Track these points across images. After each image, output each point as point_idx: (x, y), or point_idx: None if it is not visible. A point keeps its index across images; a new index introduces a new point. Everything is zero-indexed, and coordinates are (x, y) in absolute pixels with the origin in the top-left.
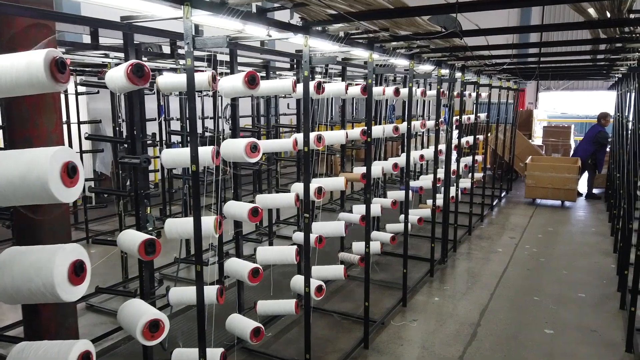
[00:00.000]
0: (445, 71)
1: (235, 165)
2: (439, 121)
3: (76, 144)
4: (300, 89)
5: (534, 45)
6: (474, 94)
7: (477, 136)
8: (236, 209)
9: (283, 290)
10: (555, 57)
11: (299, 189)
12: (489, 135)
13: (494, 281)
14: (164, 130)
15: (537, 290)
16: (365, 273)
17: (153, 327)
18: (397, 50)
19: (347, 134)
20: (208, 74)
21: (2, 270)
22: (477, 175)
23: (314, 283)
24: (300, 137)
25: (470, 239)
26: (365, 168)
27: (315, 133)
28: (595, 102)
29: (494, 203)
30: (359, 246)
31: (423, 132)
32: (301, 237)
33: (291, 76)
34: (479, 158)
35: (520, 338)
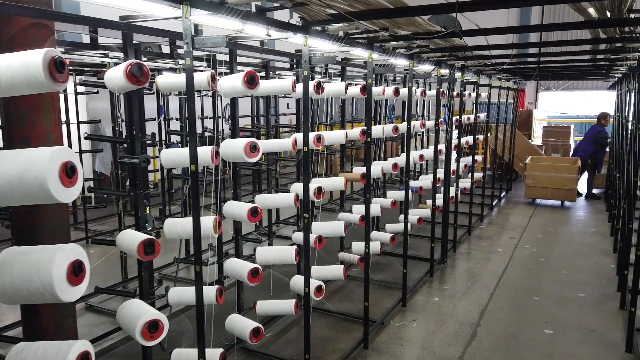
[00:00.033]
0: (445, 71)
1: (235, 165)
2: (439, 121)
3: (76, 143)
4: (299, 88)
5: (533, 45)
6: (473, 94)
7: (476, 136)
8: (235, 209)
9: (283, 290)
10: (555, 57)
11: (299, 189)
12: (489, 135)
13: (493, 281)
14: (163, 130)
15: (537, 290)
16: (365, 273)
17: (152, 328)
18: (397, 50)
19: (347, 134)
20: (207, 73)
21: (1, 271)
22: (477, 175)
23: (314, 283)
24: (300, 137)
25: (470, 239)
26: (364, 168)
27: (315, 133)
28: (595, 102)
29: (494, 203)
30: (359, 246)
31: (423, 132)
32: (301, 237)
33: (291, 76)
34: (479, 158)
35: (520, 338)
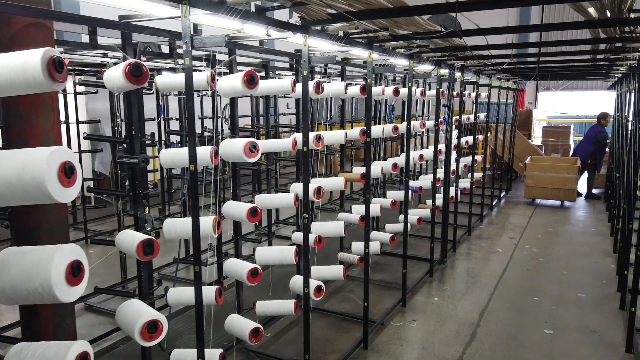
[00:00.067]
0: (445, 71)
1: (234, 164)
2: (439, 121)
3: (75, 143)
4: (299, 88)
5: (533, 45)
6: (473, 94)
7: (476, 136)
8: (235, 209)
9: (282, 290)
10: (554, 56)
11: (298, 189)
12: (489, 135)
13: (493, 281)
14: (163, 130)
15: (537, 291)
16: (365, 273)
17: (151, 328)
18: (397, 50)
19: (347, 133)
20: (206, 73)
21: (0, 271)
22: (477, 175)
23: (313, 283)
24: (300, 137)
25: (470, 239)
26: (364, 168)
27: (315, 133)
28: (595, 102)
29: (494, 203)
30: (359, 246)
31: (422, 132)
32: (300, 237)
33: (290, 76)
34: (479, 158)
35: (520, 338)
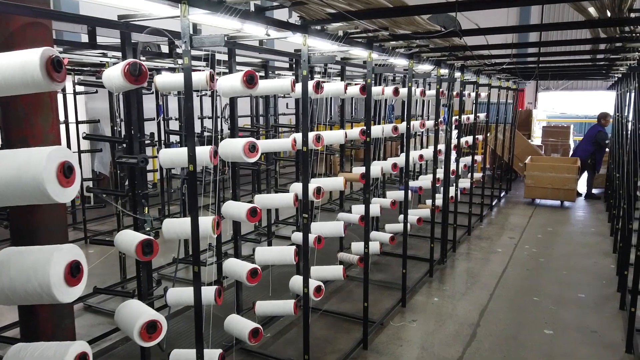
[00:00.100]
0: (445, 71)
1: (234, 165)
2: (438, 121)
3: (75, 143)
4: (298, 88)
5: (533, 44)
6: (473, 94)
7: (476, 136)
8: (234, 209)
9: (282, 290)
10: (554, 56)
11: (298, 189)
12: (489, 135)
13: (493, 281)
14: (162, 130)
15: (537, 291)
16: (365, 273)
17: (150, 328)
18: (397, 50)
19: (346, 133)
20: (206, 73)
21: None
22: (477, 175)
23: (313, 283)
24: (299, 137)
25: (470, 239)
26: (364, 168)
27: (314, 133)
28: (595, 102)
29: (494, 203)
30: (358, 246)
31: (422, 132)
32: (300, 237)
33: (290, 76)
34: (478, 158)
35: (520, 338)
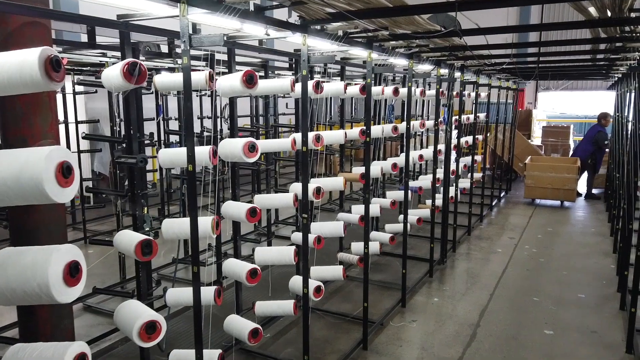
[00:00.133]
0: (445, 71)
1: (233, 165)
2: (438, 121)
3: (74, 143)
4: (298, 88)
5: (533, 44)
6: (473, 94)
7: (476, 136)
8: (234, 209)
9: (282, 290)
10: (554, 56)
11: (298, 189)
12: (488, 135)
13: (493, 282)
14: (162, 129)
15: (537, 291)
16: (364, 273)
17: (150, 329)
18: (396, 50)
19: (346, 133)
20: (205, 72)
21: None
22: (477, 176)
23: (313, 284)
24: (299, 137)
25: (470, 239)
26: (364, 168)
27: (314, 133)
28: (595, 102)
29: (493, 203)
30: (358, 246)
31: (422, 132)
32: (300, 237)
33: (290, 75)
34: (478, 158)
35: (520, 339)
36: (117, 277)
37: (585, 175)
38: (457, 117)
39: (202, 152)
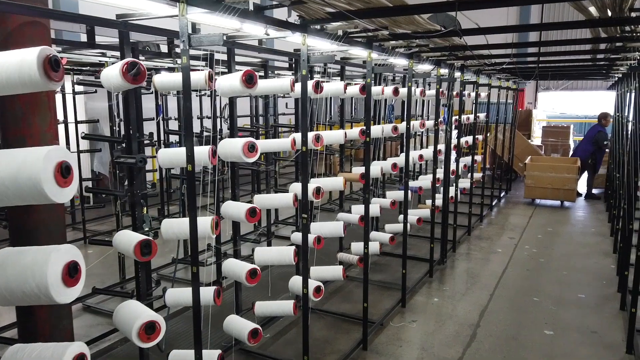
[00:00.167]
0: (445, 71)
1: (233, 165)
2: (438, 121)
3: (74, 143)
4: (298, 88)
5: (533, 44)
6: (473, 94)
7: (476, 136)
8: (234, 209)
9: (281, 291)
10: (554, 56)
11: (297, 189)
12: (488, 135)
13: (493, 282)
14: (162, 129)
15: (537, 291)
16: (364, 274)
17: (149, 329)
18: (396, 50)
19: (346, 133)
20: (204, 72)
21: None
22: (477, 176)
23: (312, 284)
24: (299, 137)
25: (470, 239)
26: (364, 168)
27: (314, 133)
28: (595, 102)
29: (493, 203)
30: (358, 246)
31: (422, 132)
32: (299, 237)
33: (290, 75)
34: (478, 158)
35: (520, 339)
36: (116, 277)
37: (585, 175)
38: (457, 117)
39: (202, 152)
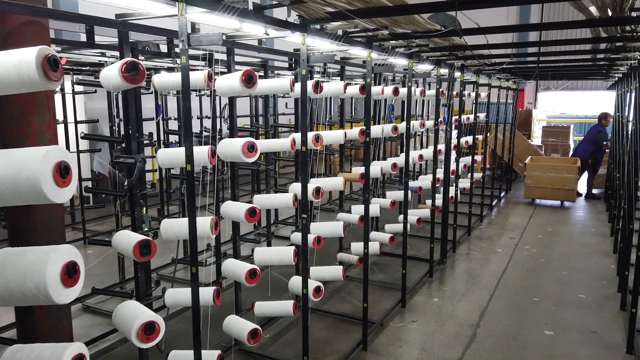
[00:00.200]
0: (445, 70)
1: (233, 165)
2: (438, 121)
3: (73, 143)
4: (298, 88)
5: (533, 44)
6: (473, 94)
7: (476, 136)
8: (233, 210)
9: (281, 291)
10: (554, 56)
11: (297, 189)
12: (488, 135)
13: (493, 282)
14: (162, 129)
15: (537, 291)
16: (364, 274)
17: (148, 330)
18: (396, 49)
19: (346, 133)
20: (204, 72)
21: None
22: (477, 176)
23: (312, 284)
24: (299, 137)
25: (470, 239)
26: (364, 168)
27: (314, 133)
28: (595, 102)
29: (493, 203)
30: (358, 247)
31: (422, 132)
32: (299, 237)
33: (290, 75)
34: (478, 158)
35: (520, 339)
36: (116, 277)
37: (585, 175)
38: (457, 117)
39: (201, 152)
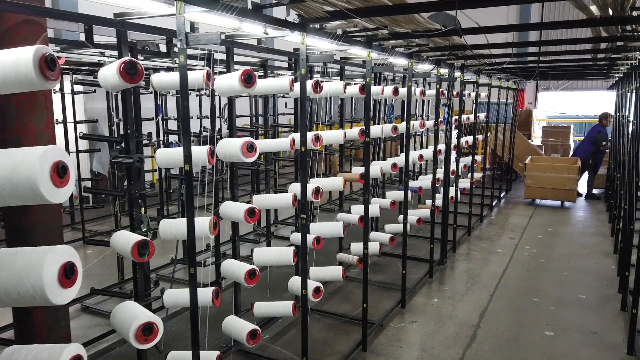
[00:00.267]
0: (445, 70)
1: (232, 165)
2: (438, 121)
3: (73, 143)
4: (297, 87)
5: (533, 44)
6: (473, 94)
7: (476, 136)
8: (232, 210)
9: (281, 291)
10: (555, 56)
11: (297, 189)
12: (489, 135)
13: (493, 282)
14: (161, 129)
15: (537, 292)
16: (364, 274)
17: (146, 330)
18: (396, 49)
19: (346, 133)
20: (202, 72)
21: None
22: (477, 176)
23: (312, 284)
24: (298, 137)
25: (470, 239)
26: (363, 168)
27: (313, 133)
28: (595, 102)
29: (494, 203)
30: (358, 247)
31: (422, 132)
32: (299, 237)
33: (289, 75)
34: (479, 158)
35: (520, 340)
36: (115, 277)
37: (585, 175)
38: (457, 117)
39: (200, 152)
